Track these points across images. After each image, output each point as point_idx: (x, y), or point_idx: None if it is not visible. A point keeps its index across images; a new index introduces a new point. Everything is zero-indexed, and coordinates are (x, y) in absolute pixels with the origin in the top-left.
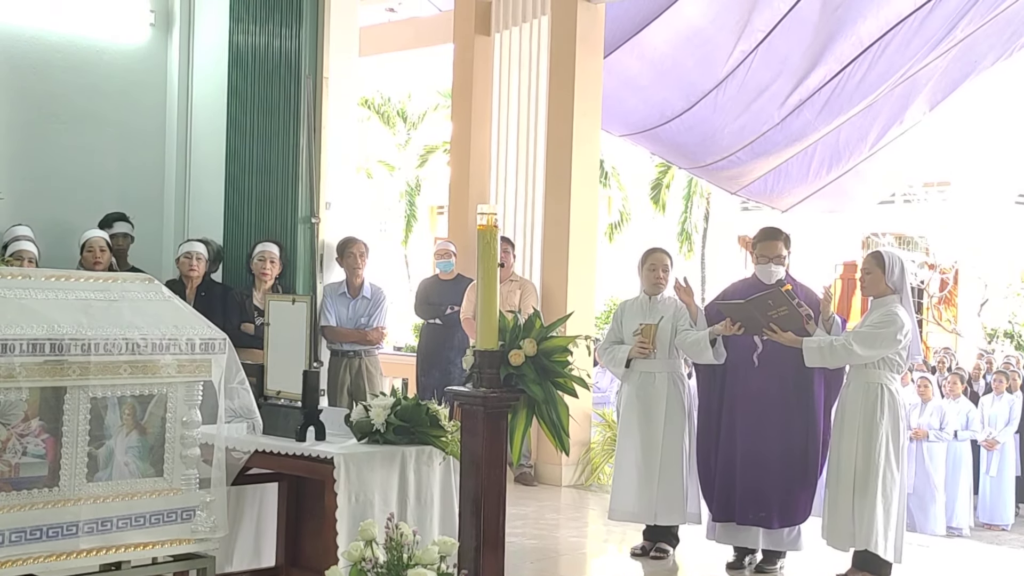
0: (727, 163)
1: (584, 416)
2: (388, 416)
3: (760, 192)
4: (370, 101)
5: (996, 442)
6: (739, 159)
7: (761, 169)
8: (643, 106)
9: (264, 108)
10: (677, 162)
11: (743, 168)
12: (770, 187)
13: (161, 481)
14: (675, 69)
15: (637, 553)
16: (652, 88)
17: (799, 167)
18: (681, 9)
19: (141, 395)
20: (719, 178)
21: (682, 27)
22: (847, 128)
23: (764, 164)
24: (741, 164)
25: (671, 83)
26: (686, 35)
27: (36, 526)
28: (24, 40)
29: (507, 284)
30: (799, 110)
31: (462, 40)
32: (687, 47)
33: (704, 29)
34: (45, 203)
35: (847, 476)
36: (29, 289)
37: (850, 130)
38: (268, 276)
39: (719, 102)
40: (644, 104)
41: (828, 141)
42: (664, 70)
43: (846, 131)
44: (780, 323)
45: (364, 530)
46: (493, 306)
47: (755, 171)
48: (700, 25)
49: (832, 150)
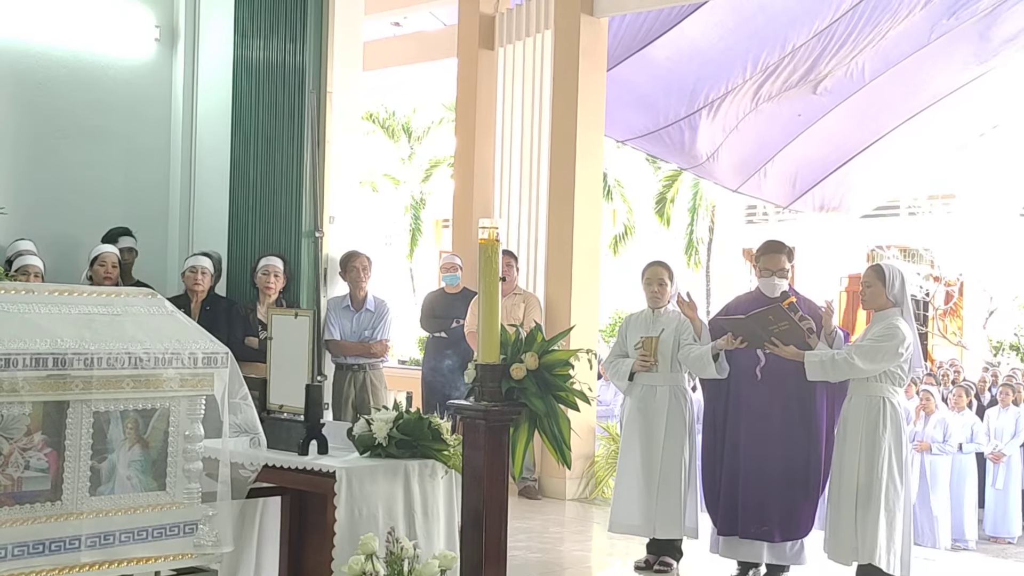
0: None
1: (588, 430)
2: (390, 430)
3: (757, 188)
4: (375, 115)
5: (1002, 455)
6: (740, 157)
7: (758, 162)
8: (644, 113)
9: (268, 122)
10: (678, 162)
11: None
12: (764, 177)
13: (164, 495)
14: (679, 82)
15: (641, 567)
16: (654, 96)
17: (798, 157)
18: (684, 30)
19: (144, 409)
20: (719, 175)
21: (685, 46)
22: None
23: (761, 156)
24: (742, 160)
25: (673, 93)
26: (689, 54)
27: (39, 540)
28: (30, 56)
29: (511, 298)
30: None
31: (466, 54)
32: (690, 65)
33: (705, 51)
34: (50, 218)
35: (849, 490)
36: (32, 304)
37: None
38: (272, 290)
39: (722, 109)
40: (646, 110)
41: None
42: (668, 82)
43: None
44: (782, 337)
45: (364, 544)
46: (495, 320)
47: (753, 166)
48: (702, 47)
49: (831, 142)
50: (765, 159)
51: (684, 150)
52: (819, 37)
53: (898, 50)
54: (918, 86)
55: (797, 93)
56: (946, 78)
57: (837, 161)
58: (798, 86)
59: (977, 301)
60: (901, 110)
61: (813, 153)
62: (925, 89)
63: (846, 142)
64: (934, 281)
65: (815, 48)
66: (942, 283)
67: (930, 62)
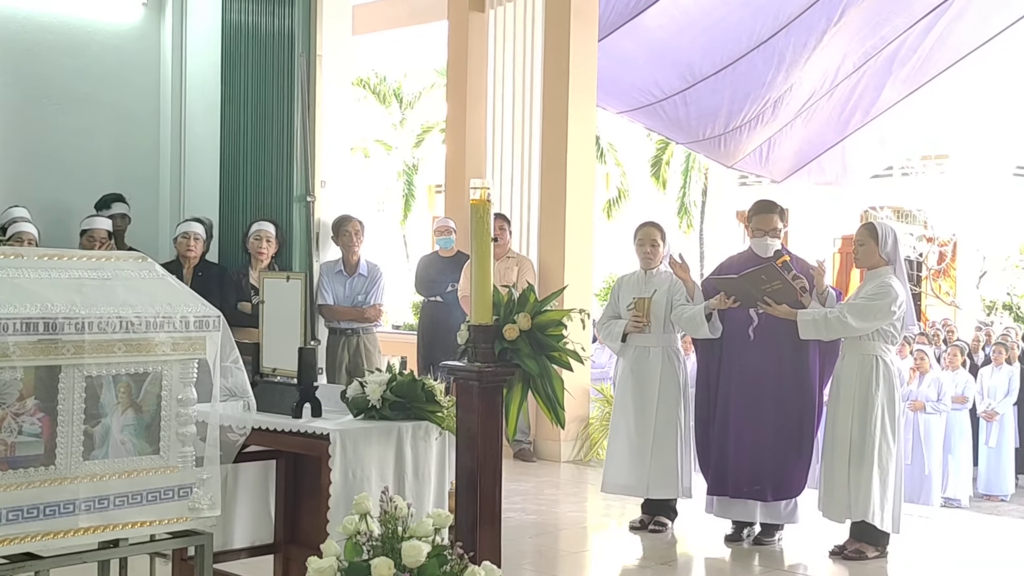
0: (724, 137)
1: (582, 392)
2: (384, 392)
3: (755, 164)
4: (365, 80)
5: (995, 413)
6: (736, 134)
7: (756, 140)
8: (640, 84)
9: (258, 87)
10: (675, 137)
11: (740, 140)
12: (764, 156)
13: (158, 459)
14: (673, 53)
15: (636, 527)
16: (648, 68)
17: (792, 136)
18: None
19: (136, 373)
20: (716, 152)
21: (678, 14)
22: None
23: (760, 134)
24: (739, 137)
25: (668, 64)
26: (682, 23)
27: (33, 504)
28: (16, 22)
29: (504, 261)
30: (793, 88)
31: (456, 16)
32: (684, 35)
33: (699, 20)
34: (41, 184)
35: (843, 448)
36: (22, 268)
37: (843, 100)
38: (264, 255)
39: (717, 87)
40: (641, 82)
41: (824, 109)
42: (661, 52)
43: (840, 101)
44: (774, 296)
45: (358, 504)
46: (487, 280)
47: (751, 142)
48: (696, 16)
49: (828, 118)
50: (771, 144)
51: (681, 125)
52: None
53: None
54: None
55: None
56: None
57: (836, 137)
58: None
59: (970, 261)
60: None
61: (813, 133)
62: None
63: (847, 120)
64: (927, 242)
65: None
66: (935, 243)
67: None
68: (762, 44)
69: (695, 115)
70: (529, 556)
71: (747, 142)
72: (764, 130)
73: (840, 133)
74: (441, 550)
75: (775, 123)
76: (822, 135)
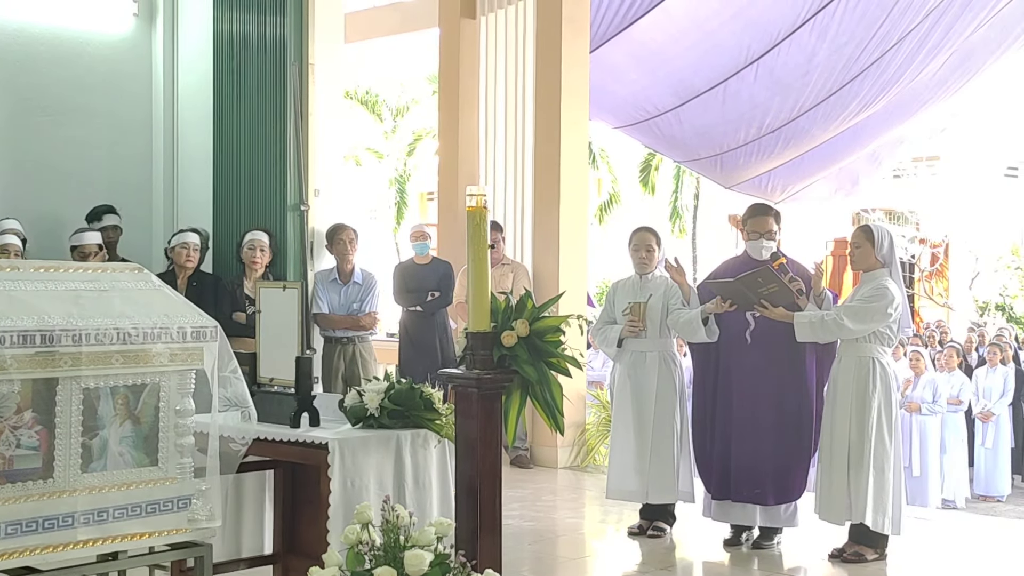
0: (721, 158)
1: (579, 397)
2: (382, 400)
3: (755, 188)
4: (353, 92)
5: (991, 414)
6: (733, 157)
7: (760, 169)
8: (632, 100)
9: (250, 96)
10: (672, 155)
11: (737, 163)
12: (763, 185)
13: (156, 470)
14: (664, 66)
15: (634, 532)
16: (640, 82)
17: (792, 167)
18: (668, 9)
19: (134, 385)
20: (715, 172)
21: (669, 26)
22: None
23: (765, 164)
24: (735, 160)
25: (660, 78)
26: (673, 34)
27: (32, 518)
28: (7, 33)
29: (499, 268)
30: (795, 121)
31: (448, 23)
32: (675, 47)
33: (690, 32)
34: (34, 195)
35: (840, 451)
36: (18, 281)
37: (847, 137)
38: (258, 265)
39: (710, 104)
40: (634, 97)
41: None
42: (653, 66)
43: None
44: (771, 299)
45: (360, 513)
46: (484, 288)
47: (754, 170)
48: (686, 27)
49: (824, 152)
50: (772, 171)
51: (676, 143)
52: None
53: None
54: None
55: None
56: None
57: (839, 159)
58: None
59: (962, 262)
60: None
61: (816, 155)
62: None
63: (849, 145)
64: (920, 243)
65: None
66: (927, 245)
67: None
68: (754, 62)
69: (690, 134)
70: (528, 563)
71: (749, 168)
72: (768, 161)
73: (846, 156)
74: (443, 559)
75: (779, 158)
76: (831, 158)
